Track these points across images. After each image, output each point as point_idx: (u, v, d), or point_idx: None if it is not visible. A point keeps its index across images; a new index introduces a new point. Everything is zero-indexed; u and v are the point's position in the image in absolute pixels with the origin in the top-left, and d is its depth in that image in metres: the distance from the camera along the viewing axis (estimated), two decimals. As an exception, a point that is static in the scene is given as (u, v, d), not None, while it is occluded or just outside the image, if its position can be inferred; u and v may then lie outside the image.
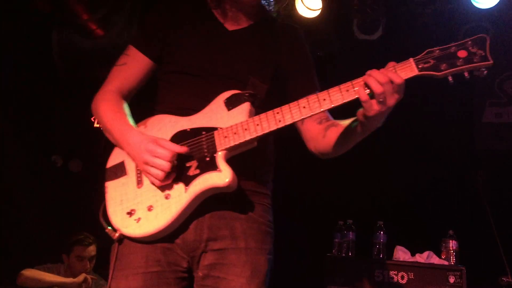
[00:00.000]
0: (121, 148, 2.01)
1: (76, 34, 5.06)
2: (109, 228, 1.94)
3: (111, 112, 2.04)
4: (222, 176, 1.82)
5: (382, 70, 1.75)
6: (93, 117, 5.37)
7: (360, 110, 1.81)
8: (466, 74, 1.72)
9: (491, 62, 1.70)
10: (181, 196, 1.86)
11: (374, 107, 1.74)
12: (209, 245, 1.92)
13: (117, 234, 1.92)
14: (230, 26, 2.14)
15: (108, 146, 2.13)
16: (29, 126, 5.31)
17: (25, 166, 5.25)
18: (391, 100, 1.74)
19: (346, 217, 4.47)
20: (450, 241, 4.13)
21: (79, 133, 5.28)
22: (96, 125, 5.29)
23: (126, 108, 2.08)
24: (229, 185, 1.82)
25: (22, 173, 5.22)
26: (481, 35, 1.74)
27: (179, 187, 1.87)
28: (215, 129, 1.90)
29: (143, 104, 2.20)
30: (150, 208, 1.88)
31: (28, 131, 5.31)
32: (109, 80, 2.14)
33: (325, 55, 5.28)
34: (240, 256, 1.92)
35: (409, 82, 1.75)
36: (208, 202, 1.89)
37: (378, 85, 1.71)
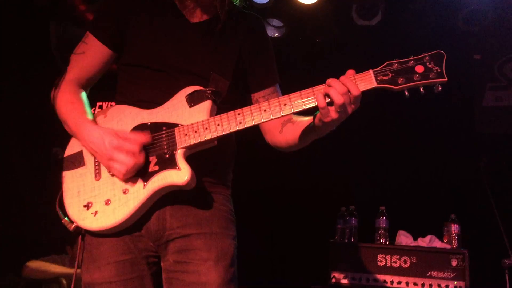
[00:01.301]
0: (78, 140, 1.98)
1: (73, 26, 5.04)
2: (66, 219, 1.92)
3: (67, 103, 1.99)
4: (181, 174, 1.82)
5: (342, 78, 1.79)
6: (93, 109, 5.39)
7: (318, 114, 1.84)
8: (421, 89, 1.77)
9: (446, 79, 1.77)
10: (139, 192, 1.85)
11: (331, 114, 1.78)
12: (173, 234, 1.92)
13: (73, 226, 1.90)
14: (192, 18, 2.09)
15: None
16: (30, 119, 5.30)
17: (26, 158, 5.26)
18: (349, 110, 1.79)
19: (348, 203, 4.49)
20: (452, 224, 4.15)
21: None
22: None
23: (83, 98, 2.04)
24: (187, 184, 1.82)
25: (24, 165, 5.22)
26: (438, 51, 1.81)
27: (137, 182, 1.86)
28: (175, 125, 1.89)
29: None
30: (107, 202, 1.87)
31: (29, 123, 5.31)
32: (68, 69, 2.08)
33: (324, 41, 5.27)
34: (206, 241, 1.92)
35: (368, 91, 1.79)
36: (169, 193, 1.89)
37: (339, 96, 1.75)
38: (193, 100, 1.91)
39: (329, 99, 1.77)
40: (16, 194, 5.08)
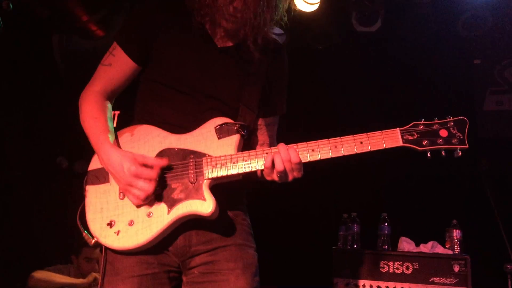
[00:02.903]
0: (99, 158, 1.99)
1: (76, 36, 5.08)
2: (86, 232, 1.94)
3: (90, 118, 2.01)
4: (205, 205, 1.86)
5: (289, 146, 1.88)
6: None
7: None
8: (443, 152, 1.92)
9: (467, 146, 1.90)
10: (163, 217, 1.88)
11: (272, 175, 1.91)
12: (199, 250, 1.97)
13: (93, 241, 1.93)
14: (219, 42, 2.07)
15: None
16: (34, 129, 5.34)
17: (30, 168, 5.29)
18: (289, 177, 1.90)
19: (350, 210, 4.50)
20: (454, 230, 4.15)
21: (84, 134, 5.29)
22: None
23: (107, 111, 2.06)
24: (211, 215, 1.86)
25: (28, 175, 5.25)
26: (463, 118, 1.93)
27: (162, 207, 1.89)
28: (203, 155, 1.93)
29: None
30: (131, 223, 1.90)
31: (33, 133, 5.35)
32: (94, 79, 2.10)
33: (325, 48, 5.29)
34: (231, 252, 1.99)
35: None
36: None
37: (280, 163, 1.85)
38: (222, 132, 1.96)
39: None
40: (19, 204, 5.11)
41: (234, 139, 1.95)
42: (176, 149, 1.96)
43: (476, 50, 5.31)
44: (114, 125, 2.08)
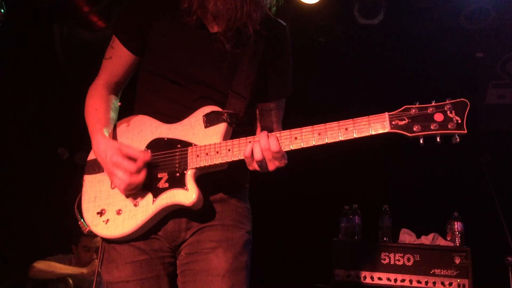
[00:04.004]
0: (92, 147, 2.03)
1: (77, 27, 5.07)
2: (82, 221, 1.98)
3: (91, 109, 2.06)
4: (188, 195, 1.85)
5: (270, 135, 1.80)
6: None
7: None
8: (438, 139, 1.71)
9: (465, 131, 1.68)
10: (148, 207, 1.90)
11: (253, 165, 1.84)
12: (188, 233, 1.97)
13: (87, 229, 1.97)
14: (211, 28, 2.03)
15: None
16: (35, 120, 5.34)
17: (32, 159, 5.29)
18: (270, 167, 1.82)
19: (351, 201, 4.50)
20: (455, 222, 4.16)
21: (84, 125, 5.30)
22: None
23: (110, 103, 2.10)
24: (193, 205, 1.85)
25: (29, 166, 5.26)
26: (463, 100, 1.71)
27: (147, 197, 1.91)
28: (190, 144, 1.92)
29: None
30: (119, 212, 1.93)
31: (34, 124, 5.35)
32: (99, 73, 2.15)
33: (327, 41, 5.28)
34: (216, 232, 1.96)
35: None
36: None
37: (259, 152, 1.78)
38: (209, 121, 1.93)
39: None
40: (20, 195, 5.12)
41: (220, 127, 1.91)
42: (165, 138, 1.97)
43: (479, 43, 5.29)
44: None
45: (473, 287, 3.84)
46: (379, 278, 3.98)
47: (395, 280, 3.94)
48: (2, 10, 2.21)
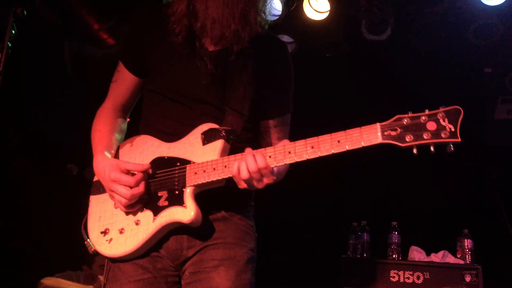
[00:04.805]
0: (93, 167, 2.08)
1: (87, 44, 5.12)
2: (88, 241, 2.03)
3: (95, 131, 2.15)
4: (186, 212, 1.87)
5: (256, 152, 1.79)
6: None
7: None
8: (431, 148, 1.66)
9: (459, 140, 1.64)
10: (149, 225, 1.93)
11: (241, 183, 1.83)
12: (190, 251, 1.98)
13: (93, 249, 2.02)
14: (210, 45, 2.06)
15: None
16: (44, 135, 5.38)
17: (41, 174, 5.32)
18: (259, 186, 1.82)
19: (360, 218, 4.47)
20: (465, 240, 4.11)
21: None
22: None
23: (115, 125, 2.17)
24: (191, 222, 1.87)
25: (38, 182, 5.28)
26: (456, 107, 1.67)
27: (148, 215, 1.94)
28: (188, 162, 1.94)
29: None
30: (121, 231, 1.97)
31: (43, 140, 5.38)
32: (107, 96, 2.24)
33: (334, 56, 5.29)
34: (218, 251, 1.98)
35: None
36: None
37: (245, 171, 1.78)
38: (207, 138, 1.95)
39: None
40: (29, 211, 5.13)
41: (218, 144, 1.93)
42: (165, 157, 2.00)
43: (487, 59, 5.28)
44: None
45: (484, 305, 3.78)
46: (389, 296, 3.93)
47: (405, 298, 3.89)
48: (13, 31, 2.25)
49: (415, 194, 4.98)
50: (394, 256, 4.16)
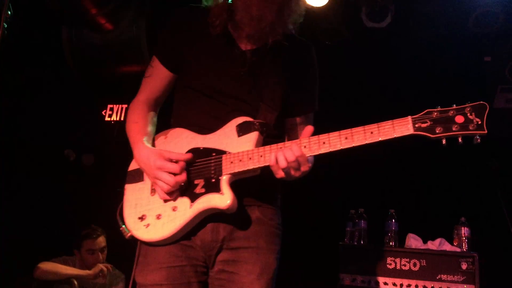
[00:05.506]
0: (134, 156, 2.18)
1: (85, 29, 5.08)
2: (123, 227, 2.11)
3: (131, 123, 2.25)
4: (223, 199, 1.97)
5: (292, 142, 1.92)
6: (104, 111, 5.43)
7: None
8: (459, 139, 1.81)
9: (485, 132, 1.77)
10: (186, 211, 2.03)
11: (279, 173, 1.94)
12: (224, 244, 2.08)
13: (129, 234, 2.09)
14: (243, 45, 2.21)
15: (120, 141, 2.22)
16: (42, 121, 5.36)
17: (38, 160, 5.31)
18: (296, 174, 1.93)
19: (357, 205, 4.48)
20: (462, 228, 4.13)
21: (91, 127, 5.34)
22: (107, 118, 5.34)
23: (148, 118, 2.26)
24: (228, 208, 1.97)
25: (36, 167, 5.28)
26: (482, 102, 1.81)
27: (185, 201, 2.04)
28: (224, 152, 2.05)
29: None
30: (158, 217, 2.06)
31: (41, 125, 5.37)
32: (139, 91, 2.34)
33: (334, 44, 5.26)
34: (252, 255, 2.09)
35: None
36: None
37: (283, 161, 1.89)
38: (242, 130, 2.07)
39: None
40: (26, 196, 5.14)
41: (253, 136, 2.04)
42: (201, 148, 2.10)
43: (487, 47, 5.26)
44: None
45: (480, 293, 3.81)
46: (385, 283, 3.96)
47: (401, 285, 3.91)
48: (9, 12, 2.24)
49: (413, 182, 4.99)
50: (391, 243, 4.18)
